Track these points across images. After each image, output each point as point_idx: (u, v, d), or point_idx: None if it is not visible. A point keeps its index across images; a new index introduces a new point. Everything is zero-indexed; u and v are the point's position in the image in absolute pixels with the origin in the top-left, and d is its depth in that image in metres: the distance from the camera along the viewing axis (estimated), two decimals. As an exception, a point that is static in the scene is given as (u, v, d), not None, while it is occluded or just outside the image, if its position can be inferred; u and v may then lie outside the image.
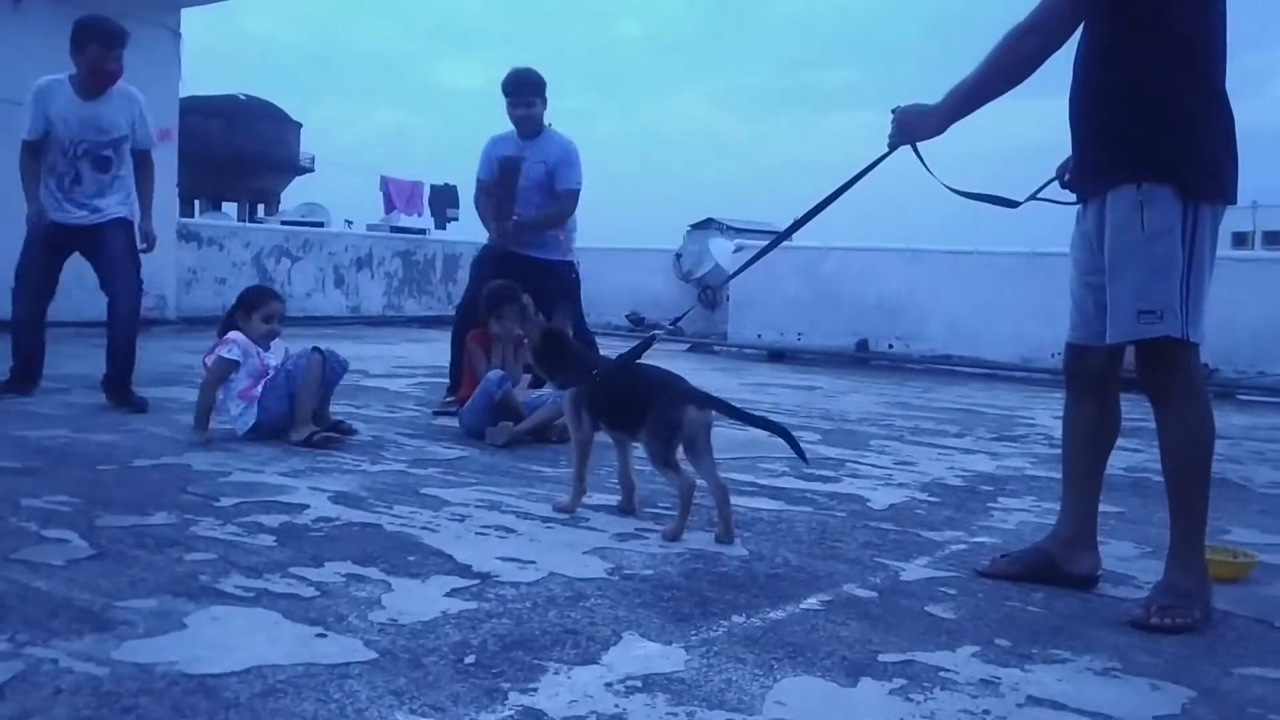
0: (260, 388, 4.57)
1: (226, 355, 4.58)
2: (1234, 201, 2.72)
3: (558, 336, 3.67)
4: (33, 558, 2.73)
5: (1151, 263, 2.60)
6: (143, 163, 5.71)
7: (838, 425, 6.01)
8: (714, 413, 3.39)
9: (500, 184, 5.95)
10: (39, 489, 3.48)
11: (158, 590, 2.51)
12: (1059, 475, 4.61)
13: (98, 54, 5.35)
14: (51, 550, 2.81)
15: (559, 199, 6.00)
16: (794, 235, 9.33)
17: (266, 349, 4.71)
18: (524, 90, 5.93)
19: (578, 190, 6.06)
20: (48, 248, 5.49)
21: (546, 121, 6.05)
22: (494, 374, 4.89)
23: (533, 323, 3.74)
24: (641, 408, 3.36)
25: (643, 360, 3.49)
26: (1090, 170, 2.77)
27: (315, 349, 4.70)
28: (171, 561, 2.75)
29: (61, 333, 7.58)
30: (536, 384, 5.12)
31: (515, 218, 5.88)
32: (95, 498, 3.41)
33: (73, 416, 4.97)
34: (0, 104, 9.35)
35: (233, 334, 4.66)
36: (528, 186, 5.94)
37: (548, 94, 6.03)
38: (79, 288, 6.15)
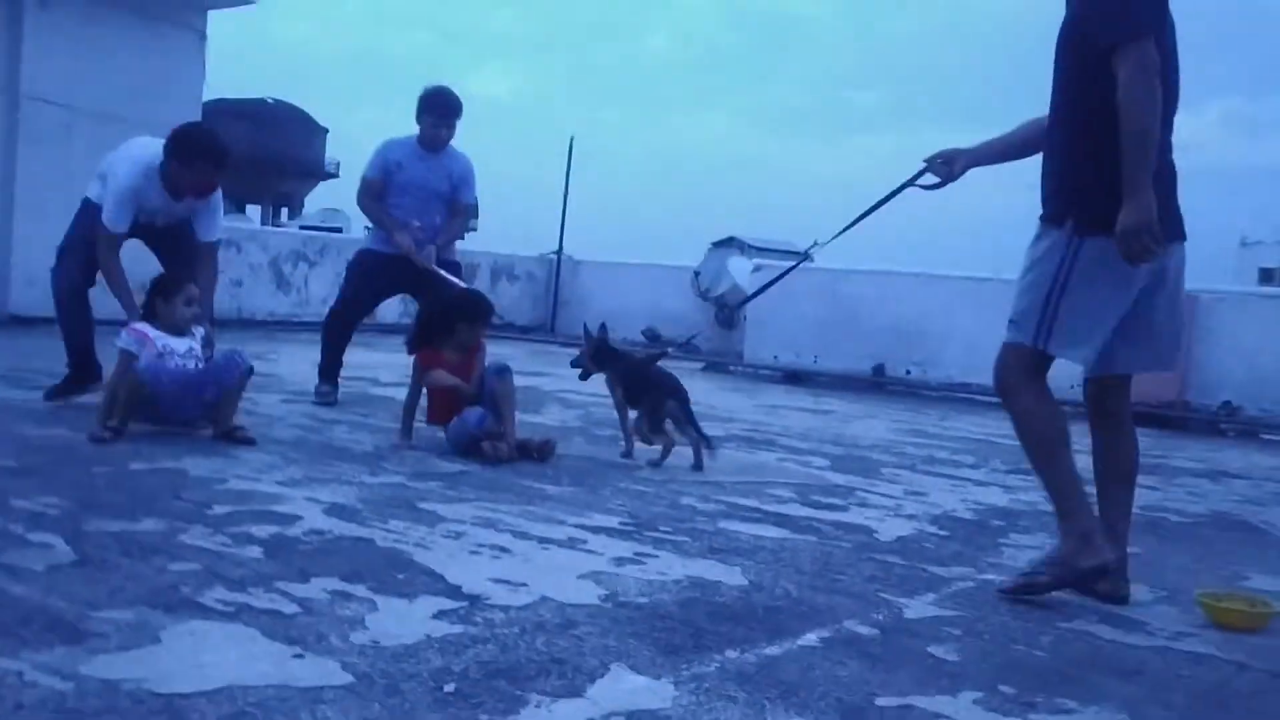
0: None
1: (121, 346, 4.56)
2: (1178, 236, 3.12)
3: (602, 343, 5.26)
4: (14, 562, 2.66)
5: (1021, 284, 3.14)
6: None
7: (848, 451, 5.91)
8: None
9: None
10: (31, 490, 3.42)
11: (136, 601, 2.44)
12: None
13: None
14: (34, 555, 2.74)
15: (461, 212, 6.55)
16: (813, 257, 9.38)
17: (184, 334, 4.67)
18: (450, 114, 6.26)
19: (475, 204, 6.60)
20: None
21: None
22: (473, 414, 4.72)
23: (588, 337, 5.29)
24: (642, 392, 4.95)
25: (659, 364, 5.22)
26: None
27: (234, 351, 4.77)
28: (154, 571, 2.69)
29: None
30: None
31: (418, 226, 6.19)
32: (86, 501, 3.35)
33: (74, 416, 4.92)
34: (29, 101, 9.43)
35: (132, 326, 4.63)
36: (430, 197, 6.28)
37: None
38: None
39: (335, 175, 35.41)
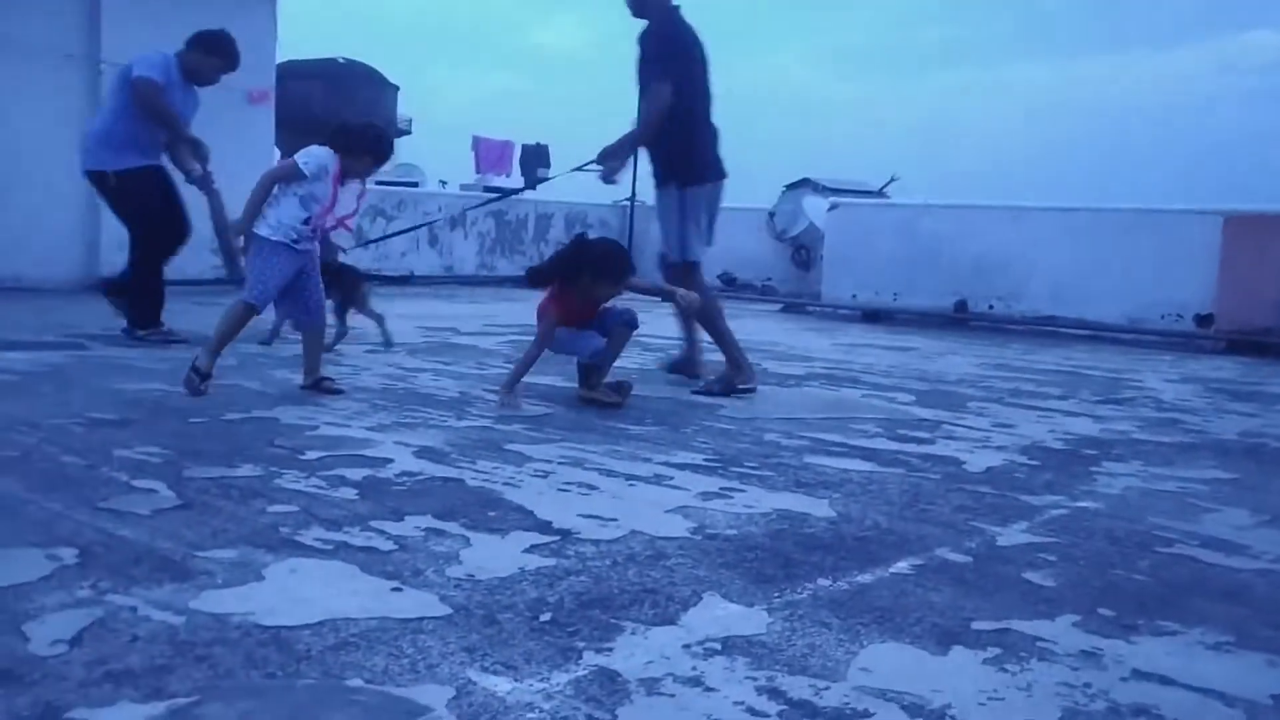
0: (304, 227, 4.53)
1: (300, 160, 4.51)
2: (714, 179, 5.48)
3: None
4: (120, 507, 2.75)
5: (662, 223, 5.49)
6: None
7: (934, 386, 5.83)
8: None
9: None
10: (131, 440, 3.53)
11: (238, 541, 2.51)
12: (1168, 439, 4.44)
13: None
14: (139, 500, 2.83)
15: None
16: (887, 194, 10.11)
17: (347, 185, 4.67)
18: (235, 68, 6.50)
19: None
20: None
21: None
22: (593, 342, 4.71)
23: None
24: (330, 285, 5.11)
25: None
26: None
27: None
28: (254, 513, 2.76)
29: (168, 291, 7.76)
30: None
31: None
32: (185, 449, 3.44)
33: (170, 371, 5.05)
34: (109, 67, 9.58)
35: (316, 148, 4.59)
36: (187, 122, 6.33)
37: None
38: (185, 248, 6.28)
39: (408, 132, 35.60)
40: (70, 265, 9.55)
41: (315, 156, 4.51)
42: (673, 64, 5.19)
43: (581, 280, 4.65)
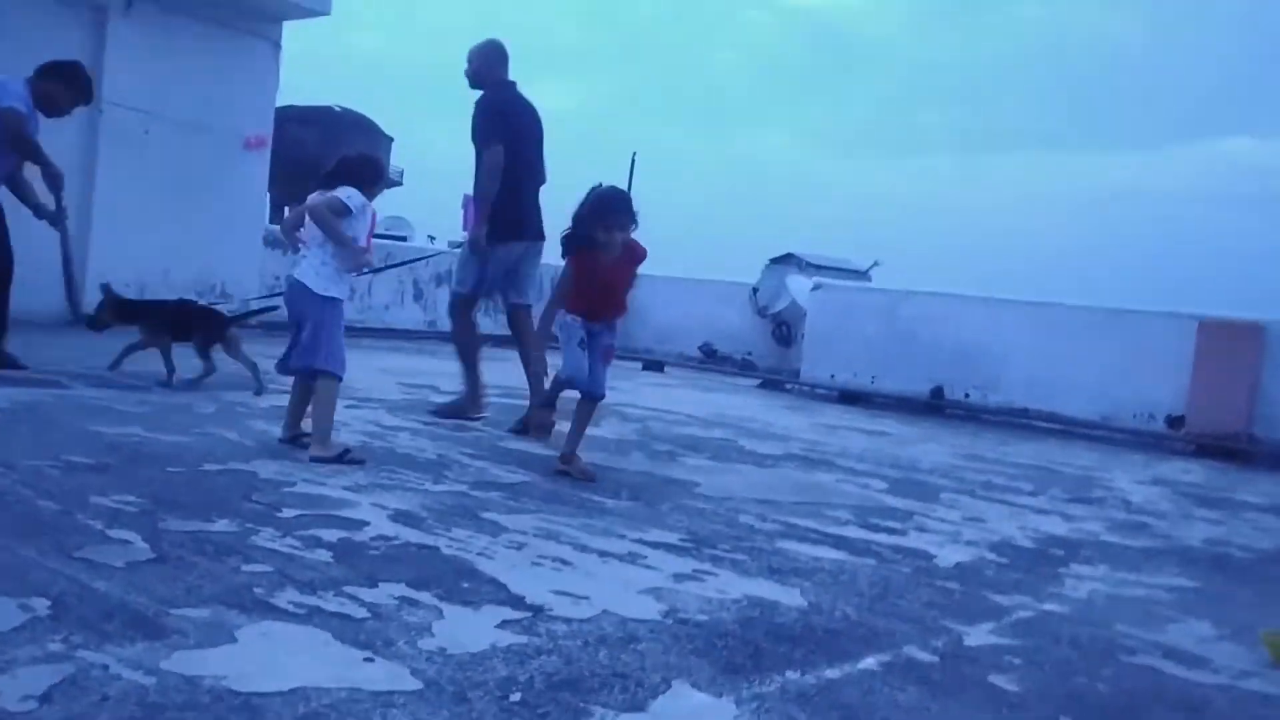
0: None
1: (343, 196, 4.49)
2: (530, 239, 6.26)
3: (118, 298, 6.34)
4: (95, 557, 2.75)
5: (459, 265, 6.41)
6: None
7: (906, 474, 5.89)
8: None
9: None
10: (108, 487, 3.53)
11: (212, 600, 2.51)
12: (1135, 543, 4.50)
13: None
14: (114, 551, 2.83)
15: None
16: (869, 276, 10.32)
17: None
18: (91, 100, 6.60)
19: None
20: None
21: None
22: (581, 374, 4.74)
23: (105, 293, 6.27)
24: (192, 328, 6.22)
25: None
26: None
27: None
28: (229, 571, 2.76)
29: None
30: None
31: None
32: (161, 499, 3.45)
33: (149, 414, 5.05)
34: (110, 107, 9.68)
35: (347, 187, 4.57)
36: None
37: None
38: (169, 291, 6.30)
39: (399, 183, 35.79)
40: (57, 298, 9.53)
41: (355, 195, 4.56)
42: (502, 131, 6.03)
43: (596, 234, 4.66)
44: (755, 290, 14.06)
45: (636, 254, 4.83)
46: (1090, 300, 10.08)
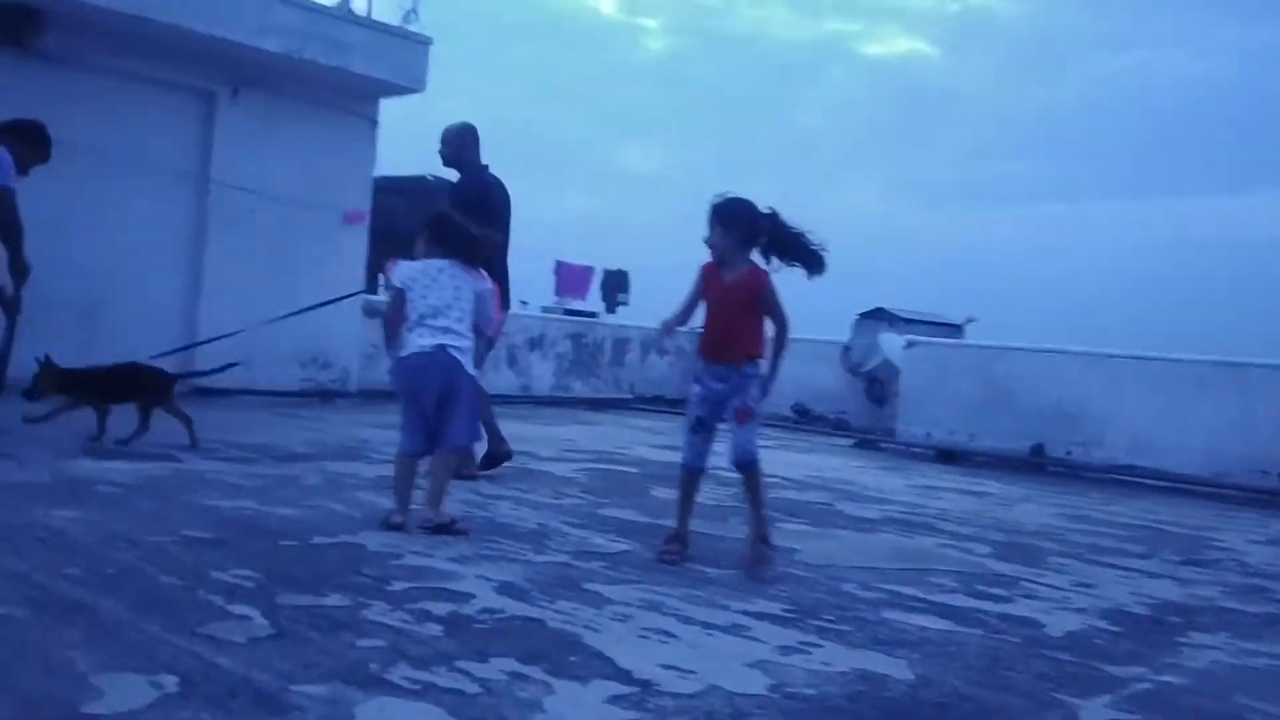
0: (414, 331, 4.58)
1: (390, 284, 4.71)
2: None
3: (54, 368, 6.00)
4: (217, 633, 2.85)
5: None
6: None
7: (1011, 537, 5.77)
8: None
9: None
10: (226, 562, 3.65)
11: (330, 676, 2.58)
12: (1254, 609, 4.34)
13: None
14: (234, 627, 2.93)
15: None
16: (964, 331, 9.93)
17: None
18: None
19: None
20: None
21: None
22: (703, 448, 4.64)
23: (43, 365, 5.93)
24: (129, 391, 6.23)
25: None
26: None
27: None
28: (344, 646, 2.83)
29: (254, 401, 7.98)
30: None
31: None
32: (275, 573, 3.55)
33: (259, 488, 5.21)
34: (217, 186, 10.11)
35: (394, 263, 4.74)
36: None
37: None
38: (273, 360, 6.49)
39: (489, 249, 36.56)
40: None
41: (398, 268, 4.72)
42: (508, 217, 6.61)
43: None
44: (847, 348, 13.96)
45: (759, 279, 4.38)
46: (1196, 353, 9.83)
